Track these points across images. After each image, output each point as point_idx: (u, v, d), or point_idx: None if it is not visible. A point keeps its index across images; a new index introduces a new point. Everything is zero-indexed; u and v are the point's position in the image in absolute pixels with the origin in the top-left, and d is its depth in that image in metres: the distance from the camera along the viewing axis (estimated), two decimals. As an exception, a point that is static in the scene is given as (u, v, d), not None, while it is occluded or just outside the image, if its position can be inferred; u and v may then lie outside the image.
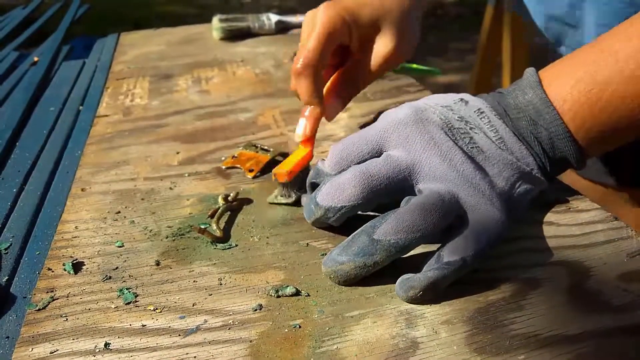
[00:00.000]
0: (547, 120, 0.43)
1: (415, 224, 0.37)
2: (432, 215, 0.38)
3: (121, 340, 0.34)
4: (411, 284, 0.36)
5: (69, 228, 0.45)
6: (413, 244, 0.38)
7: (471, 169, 0.40)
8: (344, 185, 0.40)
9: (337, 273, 0.38)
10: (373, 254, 0.37)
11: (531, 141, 0.44)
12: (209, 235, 0.43)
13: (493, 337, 0.33)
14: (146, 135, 0.61)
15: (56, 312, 0.36)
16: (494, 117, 0.44)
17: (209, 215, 0.46)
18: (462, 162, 0.40)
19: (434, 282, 0.36)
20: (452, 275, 0.37)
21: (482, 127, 0.43)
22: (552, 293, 0.37)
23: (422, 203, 0.38)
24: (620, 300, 0.36)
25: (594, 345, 0.33)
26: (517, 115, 0.44)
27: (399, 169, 0.41)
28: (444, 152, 0.41)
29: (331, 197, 0.41)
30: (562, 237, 0.42)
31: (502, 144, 0.43)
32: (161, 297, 0.37)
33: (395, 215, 0.38)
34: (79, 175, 0.53)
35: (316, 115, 0.50)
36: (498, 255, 0.40)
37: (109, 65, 0.87)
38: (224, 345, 0.33)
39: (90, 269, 0.40)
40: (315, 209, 0.42)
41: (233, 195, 0.48)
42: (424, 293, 0.36)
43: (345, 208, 0.40)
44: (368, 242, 0.37)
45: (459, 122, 0.43)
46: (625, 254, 0.40)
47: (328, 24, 0.50)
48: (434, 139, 0.41)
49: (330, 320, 0.35)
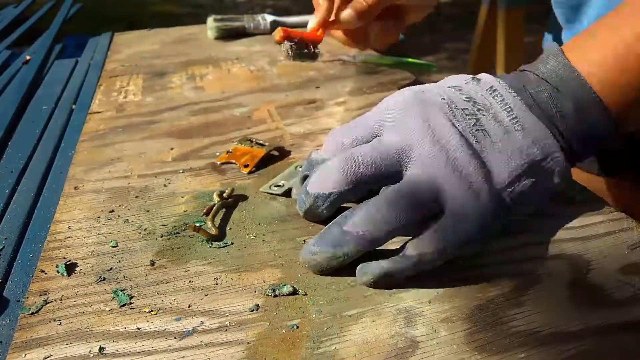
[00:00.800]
0: (572, 87, 0.40)
1: (385, 217, 0.36)
2: (405, 209, 0.36)
3: (116, 344, 0.33)
4: (366, 270, 0.37)
5: (61, 228, 0.44)
6: (383, 237, 0.37)
7: (466, 157, 0.38)
8: (330, 171, 0.40)
9: (310, 263, 0.38)
10: (342, 245, 0.37)
11: (552, 116, 0.40)
12: (205, 234, 0.42)
13: (493, 335, 0.33)
14: (140, 132, 0.61)
15: (49, 316, 0.36)
16: (509, 94, 0.41)
17: (203, 212, 0.45)
18: (457, 148, 0.38)
19: (386, 272, 0.36)
20: (409, 269, 0.36)
21: (493, 108, 0.40)
22: (552, 288, 0.36)
23: (397, 194, 0.37)
24: (622, 294, 0.36)
25: (595, 342, 0.32)
26: (537, 89, 0.41)
27: (387, 154, 0.39)
28: (437, 136, 0.38)
29: (319, 184, 0.40)
30: (561, 229, 0.42)
31: (517, 123, 0.39)
32: (156, 299, 0.37)
33: (366, 206, 0.37)
34: (72, 173, 0.53)
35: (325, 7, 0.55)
36: (497, 249, 0.40)
37: (102, 63, 0.87)
38: (221, 347, 0.33)
39: (84, 270, 0.40)
40: (306, 198, 0.41)
41: (228, 191, 0.47)
42: (376, 281, 0.36)
43: (333, 195, 0.40)
44: (338, 233, 0.37)
45: (466, 103, 0.41)
46: (625, 246, 0.40)
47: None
48: (430, 120, 0.39)
49: (329, 320, 0.35)
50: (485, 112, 0.40)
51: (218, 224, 0.44)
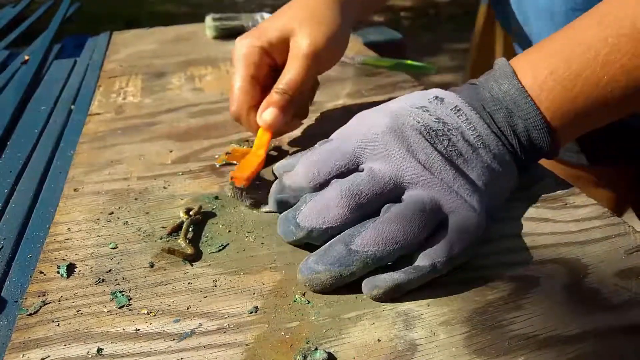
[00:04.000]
0: (525, 110, 0.43)
1: (394, 236, 0.37)
2: (412, 226, 0.37)
3: (114, 345, 0.33)
4: (376, 283, 0.36)
5: (61, 230, 0.44)
6: (391, 255, 0.37)
7: (451, 175, 0.40)
8: (328, 204, 0.39)
9: (313, 282, 0.37)
10: (350, 264, 0.36)
11: (508, 134, 0.43)
12: (180, 254, 0.40)
13: (492, 338, 0.33)
14: (139, 134, 0.61)
15: (48, 317, 0.36)
16: (471, 113, 0.43)
17: (168, 232, 0.43)
18: (442, 170, 0.40)
19: (398, 284, 0.36)
20: (420, 280, 0.36)
21: (460, 127, 0.43)
22: (550, 292, 0.36)
23: (403, 213, 0.38)
24: (619, 298, 0.36)
25: (593, 345, 0.32)
26: (493, 108, 0.44)
27: (384, 183, 0.40)
28: (423, 160, 0.40)
29: (315, 217, 0.39)
30: (559, 234, 0.42)
31: (480, 141, 0.42)
32: (155, 300, 0.37)
33: (374, 225, 0.37)
34: (72, 175, 0.53)
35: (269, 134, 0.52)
36: (495, 253, 0.40)
37: (101, 64, 0.87)
38: (220, 349, 0.33)
39: (82, 271, 0.40)
40: (296, 231, 0.40)
41: (196, 209, 0.45)
42: (386, 293, 0.36)
43: (332, 229, 0.39)
44: (345, 253, 0.36)
45: (437, 124, 0.42)
46: (622, 250, 0.40)
47: (245, 62, 0.52)
48: (412, 146, 0.41)
49: (327, 322, 0.35)
50: (454, 131, 0.43)
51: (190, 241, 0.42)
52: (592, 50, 0.41)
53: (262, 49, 0.53)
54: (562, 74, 0.42)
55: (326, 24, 0.52)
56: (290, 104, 0.52)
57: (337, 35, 0.53)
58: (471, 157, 0.42)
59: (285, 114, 0.51)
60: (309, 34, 0.51)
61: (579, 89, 0.42)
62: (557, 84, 0.42)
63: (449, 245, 0.37)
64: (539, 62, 0.44)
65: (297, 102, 0.52)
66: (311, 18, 0.52)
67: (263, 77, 0.54)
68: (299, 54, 0.51)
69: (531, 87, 0.43)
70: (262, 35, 0.53)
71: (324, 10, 0.53)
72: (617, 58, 0.41)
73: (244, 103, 0.52)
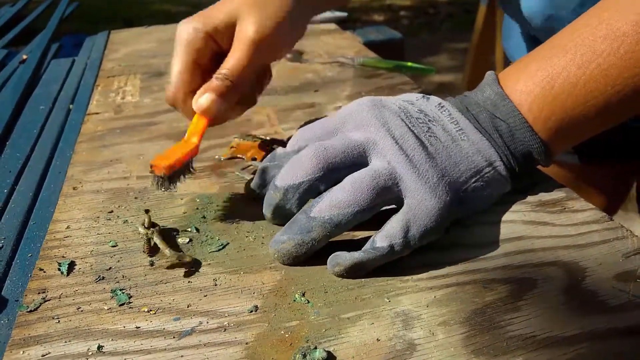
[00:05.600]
0: (504, 112, 0.44)
1: (347, 199, 0.39)
2: (363, 191, 0.39)
3: (114, 342, 0.33)
4: (338, 260, 0.38)
5: (60, 228, 0.44)
6: (349, 219, 0.39)
7: (422, 157, 0.41)
8: (301, 160, 0.42)
9: (280, 252, 0.39)
10: (310, 230, 0.39)
11: (492, 132, 0.44)
12: (181, 265, 0.40)
13: (490, 339, 0.33)
14: (138, 134, 0.61)
15: (48, 314, 0.36)
16: (455, 111, 0.45)
17: (144, 251, 0.41)
18: (414, 148, 0.41)
19: (358, 263, 0.38)
20: (379, 259, 0.38)
21: (442, 120, 0.44)
22: (548, 294, 0.37)
23: (355, 178, 0.40)
24: (617, 300, 0.36)
25: (590, 347, 0.33)
26: (476, 110, 0.45)
27: (354, 145, 0.42)
28: (397, 136, 0.42)
29: (290, 175, 0.42)
30: (558, 237, 0.42)
31: (463, 134, 0.44)
32: (155, 298, 0.37)
33: (330, 192, 0.40)
34: (71, 174, 0.53)
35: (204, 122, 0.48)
36: (493, 255, 0.40)
37: (100, 63, 0.87)
38: (219, 347, 0.33)
39: (82, 269, 0.40)
40: (274, 193, 0.42)
41: (147, 220, 0.43)
42: (347, 270, 0.38)
43: (303, 184, 0.41)
44: (305, 220, 0.39)
45: (418, 114, 0.44)
46: (620, 254, 0.40)
47: (187, 48, 0.50)
48: (388, 123, 0.43)
49: (327, 322, 0.35)
50: (435, 122, 0.44)
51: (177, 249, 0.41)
52: (568, 53, 0.43)
53: (207, 34, 0.50)
54: (541, 77, 0.44)
55: (275, 11, 0.50)
56: (232, 91, 0.49)
57: (285, 22, 0.50)
58: (451, 145, 0.43)
59: (224, 100, 0.48)
60: (256, 19, 0.49)
61: (557, 90, 0.43)
62: (536, 87, 0.44)
63: (405, 227, 0.39)
64: (520, 69, 0.45)
65: (239, 89, 0.49)
66: (260, 4, 0.50)
67: (206, 63, 0.51)
68: (244, 39, 0.49)
69: (511, 91, 0.45)
70: (208, 19, 0.50)
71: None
72: (593, 58, 0.42)
73: (181, 88, 0.50)
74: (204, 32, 0.50)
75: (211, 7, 0.51)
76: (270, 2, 0.50)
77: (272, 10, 0.50)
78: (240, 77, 0.48)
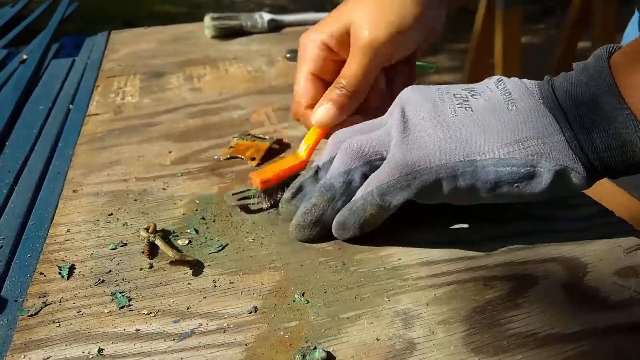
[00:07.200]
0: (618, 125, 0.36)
1: (336, 164, 0.41)
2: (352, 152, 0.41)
3: (115, 345, 0.33)
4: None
5: (60, 231, 0.44)
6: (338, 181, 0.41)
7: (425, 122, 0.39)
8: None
9: (292, 225, 0.42)
10: (310, 196, 0.42)
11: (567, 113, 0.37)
12: (184, 264, 0.40)
13: (490, 337, 0.33)
14: (138, 134, 0.61)
15: (49, 318, 0.36)
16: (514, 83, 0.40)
17: (143, 252, 0.41)
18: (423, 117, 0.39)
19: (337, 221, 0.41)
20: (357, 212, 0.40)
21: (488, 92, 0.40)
22: (549, 290, 0.37)
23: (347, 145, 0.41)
24: (618, 296, 0.36)
25: (592, 344, 0.33)
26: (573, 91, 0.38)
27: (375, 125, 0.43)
28: (408, 109, 0.41)
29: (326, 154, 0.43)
30: (559, 232, 0.42)
31: (512, 104, 0.39)
32: (155, 301, 0.37)
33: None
34: (71, 176, 0.53)
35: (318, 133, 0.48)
36: (494, 252, 0.40)
37: (99, 63, 0.87)
38: (219, 349, 0.33)
39: (83, 272, 0.40)
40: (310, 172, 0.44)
41: (152, 227, 0.44)
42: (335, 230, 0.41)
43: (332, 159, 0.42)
44: (311, 188, 0.43)
45: (462, 91, 0.41)
46: (621, 249, 0.40)
47: (303, 57, 0.49)
48: (410, 100, 0.41)
49: (326, 322, 0.35)
50: (478, 95, 0.40)
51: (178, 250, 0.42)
52: None
53: (323, 43, 0.49)
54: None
55: (391, 12, 0.47)
56: (350, 100, 0.47)
57: (404, 24, 0.47)
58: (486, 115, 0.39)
59: (342, 111, 0.47)
60: (370, 23, 0.47)
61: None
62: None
63: (376, 175, 0.39)
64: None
65: (357, 97, 0.48)
66: (375, 7, 0.48)
67: (329, 73, 0.50)
68: (358, 45, 0.47)
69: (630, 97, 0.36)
70: (324, 28, 0.49)
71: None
72: None
73: (300, 103, 0.50)
74: (319, 41, 0.49)
75: (328, 15, 0.50)
76: (386, 4, 0.48)
77: (387, 13, 0.48)
78: (358, 86, 0.47)
